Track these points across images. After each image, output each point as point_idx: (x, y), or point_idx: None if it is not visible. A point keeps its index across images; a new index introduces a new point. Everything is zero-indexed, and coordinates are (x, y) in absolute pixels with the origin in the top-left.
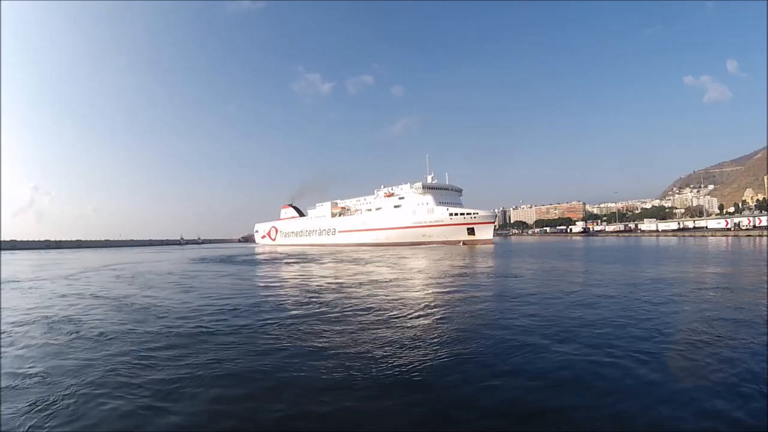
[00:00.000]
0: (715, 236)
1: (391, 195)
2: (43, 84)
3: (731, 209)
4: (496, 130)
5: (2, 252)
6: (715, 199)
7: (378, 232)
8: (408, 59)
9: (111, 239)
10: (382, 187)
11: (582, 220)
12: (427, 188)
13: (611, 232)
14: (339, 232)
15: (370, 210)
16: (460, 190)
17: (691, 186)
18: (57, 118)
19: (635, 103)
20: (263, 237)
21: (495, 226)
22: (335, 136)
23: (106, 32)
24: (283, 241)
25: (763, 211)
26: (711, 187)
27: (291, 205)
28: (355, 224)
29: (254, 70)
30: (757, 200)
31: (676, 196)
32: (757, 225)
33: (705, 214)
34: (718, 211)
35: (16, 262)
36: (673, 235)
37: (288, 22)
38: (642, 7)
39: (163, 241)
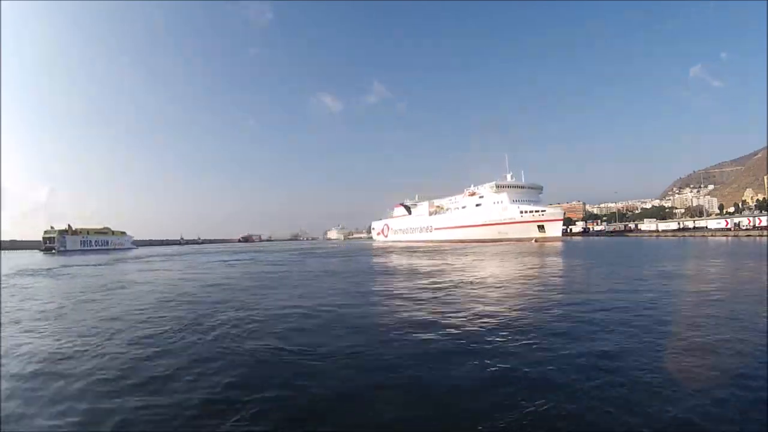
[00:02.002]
0: (715, 236)
1: (473, 194)
2: (43, 84)
3: (731, 209)
4: (495, 130)
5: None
6: (715, 199)
7: (463, 230)
8: (407, 59)
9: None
10: (472, 185)
11: (582, 220)
12: (502, 187)
13: (611, 232)
14: (434, 229)
15: (457, 208)
16: (539, 188)
17: (691, 186)
18: (57, 119)
19: (635, 103)
20: (378, 234)
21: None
22: (335, 140)
23: (106, 32)
24: (393, 238)
25: (763, 211)
26: (711, 187)
27: (402, 204)
28: (445, 222)
29: (253, 70)
30: (757, 200)
31: (676, 196)
32: (757, 225)
33: (705, 214)
34: (718, 211)
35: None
36: (673, 236)
37: (286, 22)
38: (641, 6)
39: (162, 241)
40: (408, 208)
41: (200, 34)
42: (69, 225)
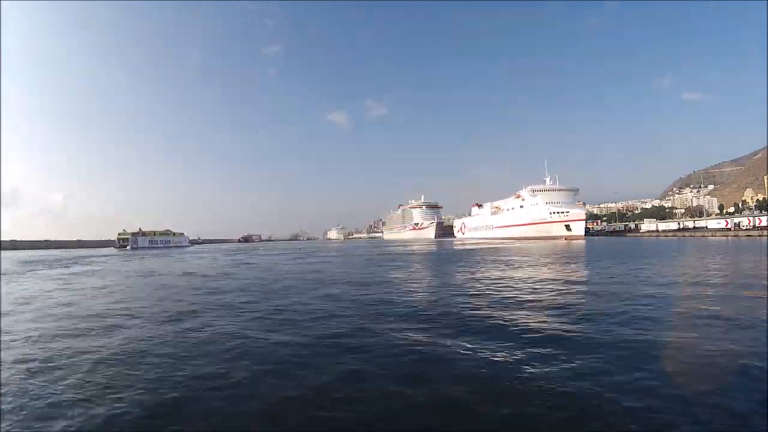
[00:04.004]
0: (715, 236)
1: (518, 196)
2: (43, 84)
3: (731, 209)
4: (496, 130)
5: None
6: (715, 199)
7: (512, 228)
8: (407, 59)
9: (111, 239)
10: (524, 188)
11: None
12: (537, 191)
13: (611, 232)
14: (494, 227)
15: (508, 209)
16: (575, 190)
17: (691, 186)
18: (57, 119)
19: (635, 103)
20: (458, 231)
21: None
22: (336, 143)
23: (106, 32)
24: (468, 235)
25: (763, 211)
26: (711, 187)
27: (477, 204)
28: (501, 221)
29: (253, 71)
30: (757, 200)
31: (676, 196)
32: (757, 225)
33: (705, 214)
34: (718, 211)
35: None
36: (673, 236)
37: (285, 23)
38: (642, 6)
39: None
40: (481, 207)
41: (201, 33)
42: (140, 228)
